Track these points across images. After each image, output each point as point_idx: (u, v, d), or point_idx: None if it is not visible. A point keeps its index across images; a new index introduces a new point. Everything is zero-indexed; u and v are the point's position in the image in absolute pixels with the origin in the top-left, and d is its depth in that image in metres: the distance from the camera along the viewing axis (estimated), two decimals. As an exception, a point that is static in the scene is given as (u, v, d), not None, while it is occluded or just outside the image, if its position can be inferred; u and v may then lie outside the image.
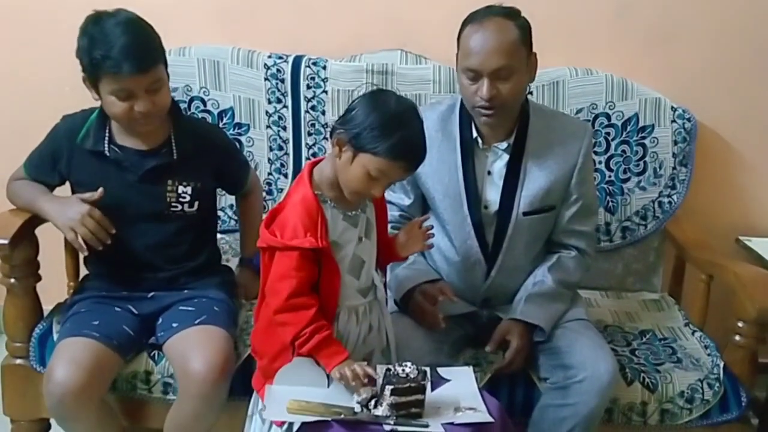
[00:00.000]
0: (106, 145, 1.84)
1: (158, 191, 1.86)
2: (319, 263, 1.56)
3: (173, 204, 1.87)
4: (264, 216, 1.65)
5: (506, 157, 1.87)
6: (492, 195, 1.89)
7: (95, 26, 1.72)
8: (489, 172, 1.89)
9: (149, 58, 1.73)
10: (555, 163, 1.87)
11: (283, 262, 1.54)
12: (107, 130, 1.84)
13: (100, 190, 1.80)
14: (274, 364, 1.61)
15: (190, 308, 1.86)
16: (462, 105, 1.90)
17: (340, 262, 1.60)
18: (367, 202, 1.66)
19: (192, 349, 1.73)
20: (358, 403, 1.51)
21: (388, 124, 1.51)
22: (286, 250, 1.54)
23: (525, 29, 1.79)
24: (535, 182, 1.86)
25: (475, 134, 1.87)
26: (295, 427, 1.50)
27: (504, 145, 1.87)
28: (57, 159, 1.89)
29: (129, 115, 1.76)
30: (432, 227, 1.77)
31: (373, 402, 1.51)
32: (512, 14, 1.79)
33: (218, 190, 2.07)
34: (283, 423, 1.53)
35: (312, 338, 1.52)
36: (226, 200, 2.35)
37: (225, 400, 1.75)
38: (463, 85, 1.81)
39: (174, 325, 1.82)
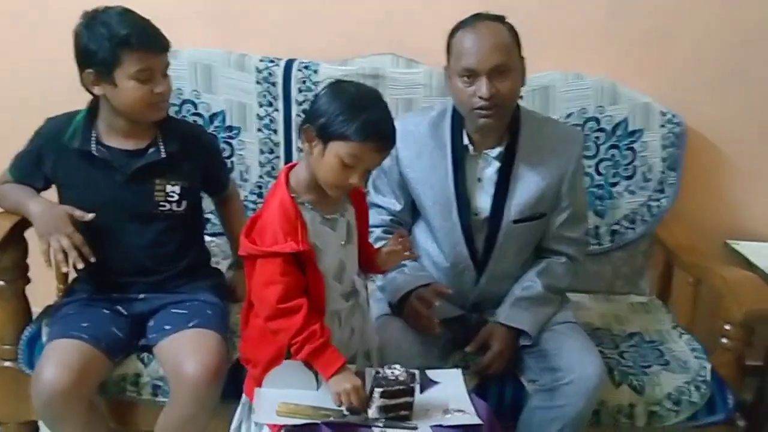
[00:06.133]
0: (94, 145, 1.84)
1: (147, 191, 1.86)
2: (303, 268, 1.55)
3: (161, 203, 1.88)
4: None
5: (497, 164, 1.87)
6: (482, 202, 1.89)
7: (103, 15, 1.76)
8: (479, 179, 1.89)
9: (165, 39, 1.80)
10: (546, 171, 1.87)
11: (267, 268, 1.53)
12: (94, 131, 1.85)
13: (92, 215, 1.81)
14: (266, 373, 1.60)
15: (182, 311, 1.86)
16: (454, 111, 1.90)
17: (324, 266, 1.59)
18: (348, 206, 1.66)
19: (185, 352, 1.73)
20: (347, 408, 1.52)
21: (353, 107, 1.50)
22: (268, 257, 1.52)
23: (514, 32, 1.81)
24: (525, 190, 1.87)
25: (466, 141, 1.87)
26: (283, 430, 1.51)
27: (495, 152, 1.87)
28: (42, 161, 1.88)
29: (149, 99, 1.78)
30: (410, 241, 1.76)
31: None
32: (500, 19, 1.81)
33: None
34: (279, 429, 1.52)
35: (304, 347, 1.51)
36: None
37: (217, 403, 1.75)
38: (457, 88, 1.80)
39: (166, 327, 1.82)
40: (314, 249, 1.56)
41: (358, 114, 1.49)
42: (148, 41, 1.75)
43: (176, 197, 1.88)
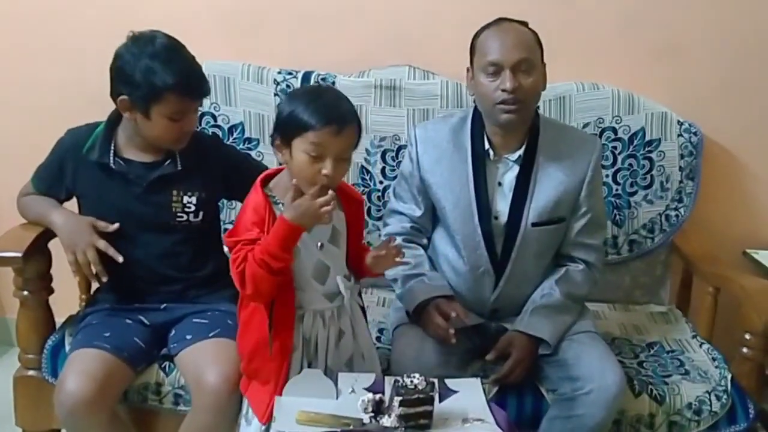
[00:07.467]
0: (112, 158, 1.87)
1: (164, 201, 1.89)
2: None
3: (179, 214, 1.90)
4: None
5: (516, 168, 1.89)
6: (502, 206, 1.90)
7: (151, 46, 1.74)
8: (499, 183, 1.91)
9: (207, 84, 1.82)
10: (564, 175, 1.89)
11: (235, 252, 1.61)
12: (113, 144, 1.88)
13: (116, 225, 1.85)
14: (251, 365, 1.65)
15: (203, 321, 1.88)
16: (474, 117, 1.92)
17: (300, 264, 1.63)
18: (336, 211, 1.65)
19: (206, 362, 1.75)
20: (365, 413, 1.52)
21: (305, 101, 1.56)
22: (236, 245, 1.59)
23: (537, 36, 1.85)
24: (544, 193, 1.88)
25: (486, 146, 1.89)
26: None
27: (515, 156, 1.89)
28: (63, 172, 1.92)
29: (177, 135, 1.82)
30: (401, 246, 1.77)
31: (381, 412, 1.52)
32: (523, 23, 1.85)
33: (228, 203, 2.08)
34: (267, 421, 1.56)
35: (260, 255, 1.53)
36: (235, 213, 2.38)
37: (237, 412, 1.75)
38: (481, 84, 1.83)
39: (188, 337, 1.84)
40: None
41: (309, 104, 1.55)
42: (192, 90, 1.78)
43: (193, 208, 1.90)
